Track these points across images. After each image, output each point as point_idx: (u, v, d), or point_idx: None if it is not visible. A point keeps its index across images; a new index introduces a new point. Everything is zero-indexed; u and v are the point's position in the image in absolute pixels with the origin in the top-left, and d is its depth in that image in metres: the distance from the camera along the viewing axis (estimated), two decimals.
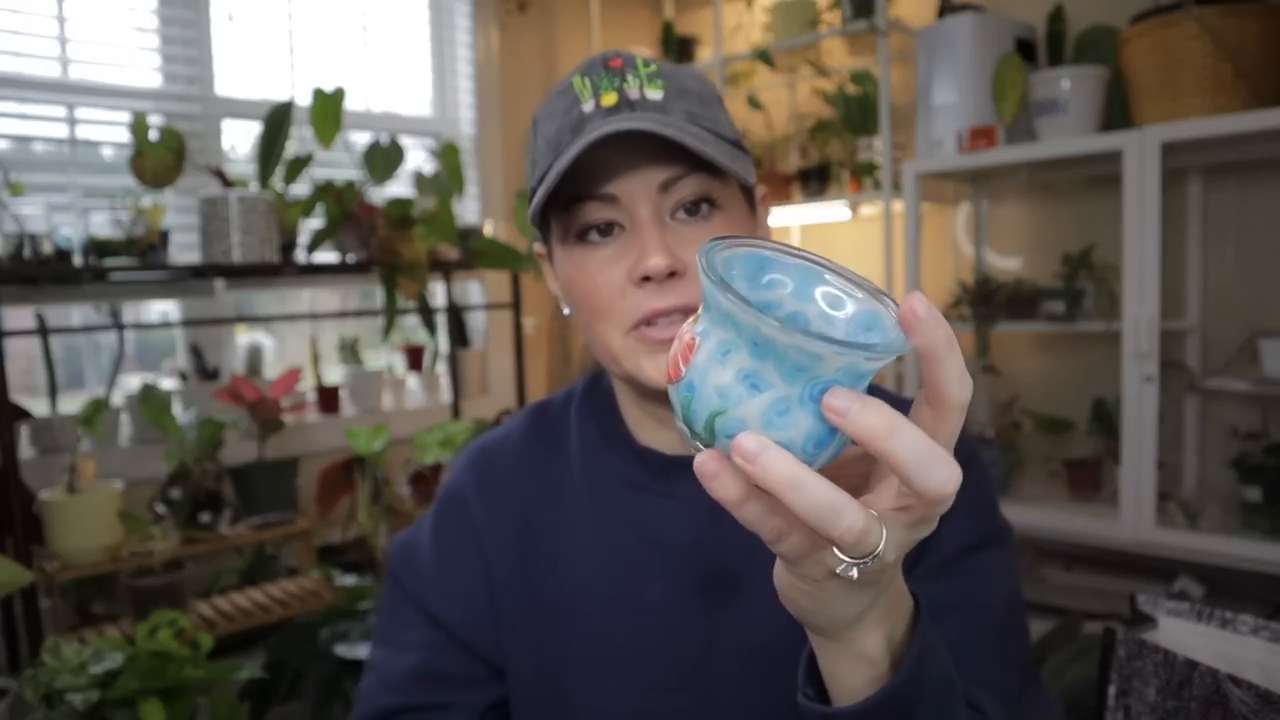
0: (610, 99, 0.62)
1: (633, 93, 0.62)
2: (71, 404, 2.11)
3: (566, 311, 0.69)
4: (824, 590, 0.39)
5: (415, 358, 2.80)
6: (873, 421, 0.32)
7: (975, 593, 0.64)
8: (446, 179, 2.25)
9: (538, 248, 0.72)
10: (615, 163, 0.61)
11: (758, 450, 0.33)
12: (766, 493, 0.34)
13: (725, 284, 0.33)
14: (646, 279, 0.61)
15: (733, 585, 0.66)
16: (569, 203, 0.64)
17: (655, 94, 0.62)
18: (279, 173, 2.03)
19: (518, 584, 0.71)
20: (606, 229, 0.63)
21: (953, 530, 0.64)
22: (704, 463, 0.35)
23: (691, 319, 0.38)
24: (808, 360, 0.33)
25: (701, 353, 0.35)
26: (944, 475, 0.33)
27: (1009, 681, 0.62)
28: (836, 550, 0.35)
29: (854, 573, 0.36)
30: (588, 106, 0.63)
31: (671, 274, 0.61)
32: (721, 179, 0.63)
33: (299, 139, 2.35)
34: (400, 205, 2.09)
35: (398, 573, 0.75)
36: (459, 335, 2.74)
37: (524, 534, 0.72)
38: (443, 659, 0.71)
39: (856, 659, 0.43)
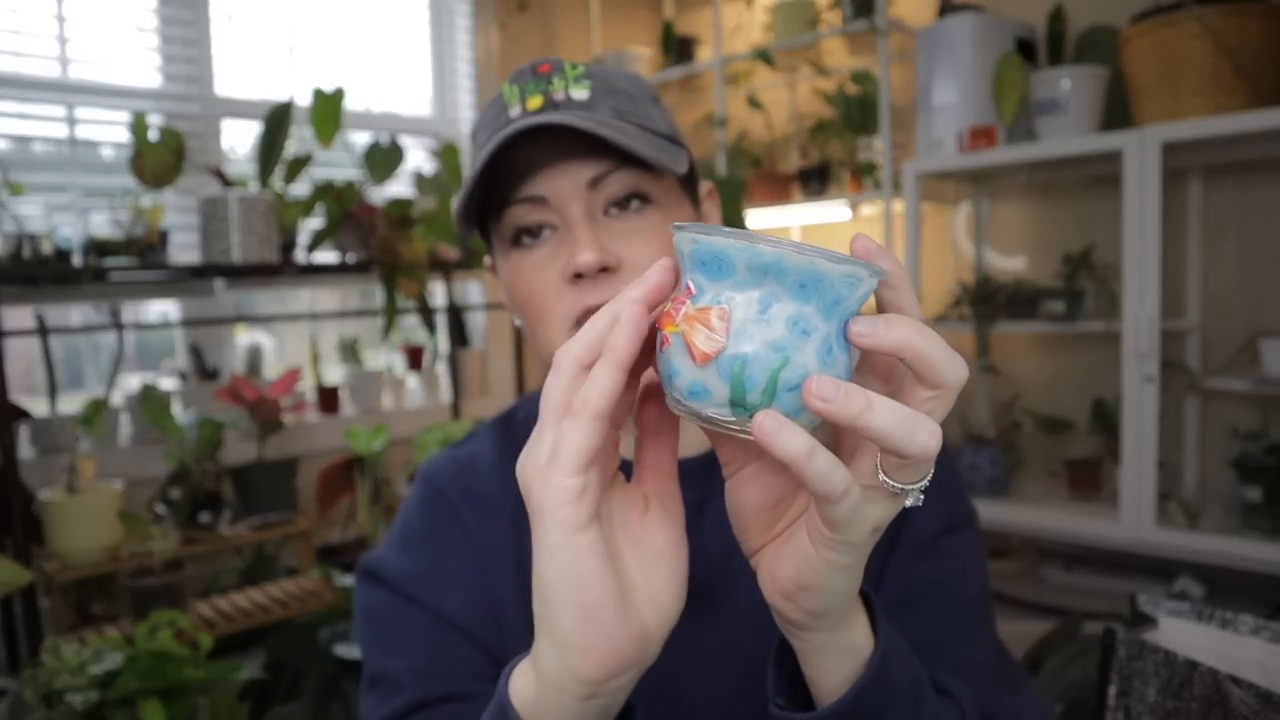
0: (535, 102, 0.62)
1: (558, 94, 0.62)
2: (71, 404, 2.11)
3: (517, 323, 0.68)
4: (859, 554, 0.39)
5: (415, 358, 2.80)
6: (904, 328, 0.34)
7: (952, 574, 0.65)
8: (446, 179, 2.26)
9: (487, 261, 0.72)
10: (541, 163, 0.61)
11: (835, 386, 0.33)
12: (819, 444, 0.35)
13: (755, 235, 0.34)
14: (579, 276, 0.61)
15: (711, 590, 0.66)
16: (500, 208, 0.64)
17: (581, 93, 0.63)
18: (279, 173, 2.03)
19: (516, 600, 0.68)
20: (539, 230, 0.63)
21: (926, 514, 0.66)
22: (763, 421, 0.34)
23: (684, 298, 0.36)
24: (846, 289, 0.34)
25: (737, 317, 0.35)
26: (960, 364, 0.36)
27: (989, 658, 0.64)
28: (891, 479, 0.36)
29: (922, 498, 0.37)
30: (514, 112, 0.63)
31: (604, 269, 0.61)
32: (655, 174, 0.63)
33: (299, 139, 2.35)
34: (400, 205, 2.09)
35: (389, 581, 0.70)
36: (459, 335, 2.74)
37: (518, 551, 0.70)
38: (458, 653, 0.66)
39: (845, 653, 0.44)
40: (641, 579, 0.42)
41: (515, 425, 0.77)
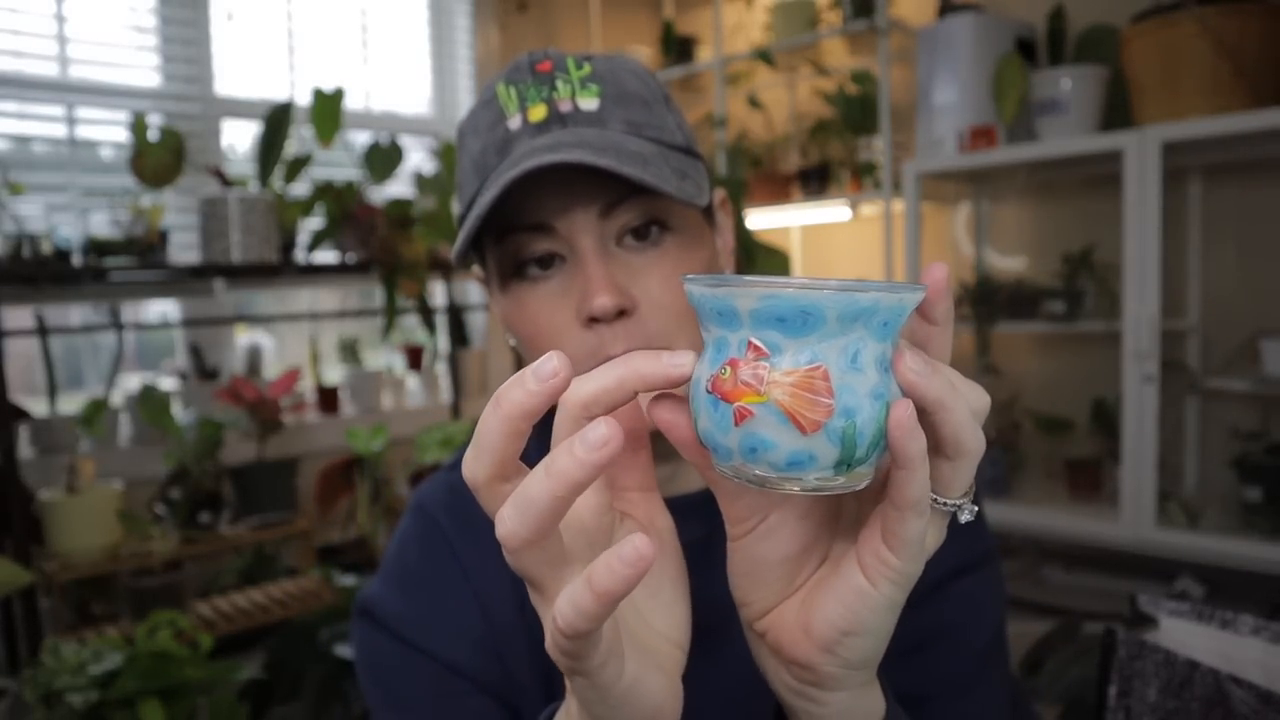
0: (538, 112, 0.56)
1: (563, 104, 0.56)
2: (71, 404, 2.10)
3: (512, 343, 0.63)
4: (910, 586, 0.38)
5: (415, 358, 2.80)
6: (943, 381, 0.33)
7: (961, 620, 0.60)
8: (446, 179, 2.25)
9: (476, 271, 0.65)
10: (549, 188, 0.54)
11: (925, 360, 0.33)
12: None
13: (849, 284, 0.31)
14: (594, 319, 0.55)
15: (717, 631, 0.61)
16: (501, 234, 0.57)
17: (589, 103, 0.56)
18: (279, 172, 2.03)
19: (523, 645, 0.64)
20: (546, 261, 0.57)
21: (935, 554, 0.60)
22: (902, 414, 0.32)
23: (752, 361, 0.33)
24: (897, 321, 0.33)
25: (835, 374, 0.32)
26: (979, 432, 0.35)
27: (999, 711, 0.60)
28: (941, 494, 0.36)
29: (976, 509, 0.37)
30: (513, 122, 0.56)
31: (621, 313, 0.55)
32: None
33: (299, 139, 2.35)
34: (400, 205, 2.09)
35: (388, 624, 0.65)
36: (459, 335, 2.74)
37: (518, 591, 0.65)
38: (469, 704, 0.62)
39: (863, 718, 0.42)
40: (657, 637, 0.41)
41: None
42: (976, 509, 0.36)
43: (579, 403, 0.35)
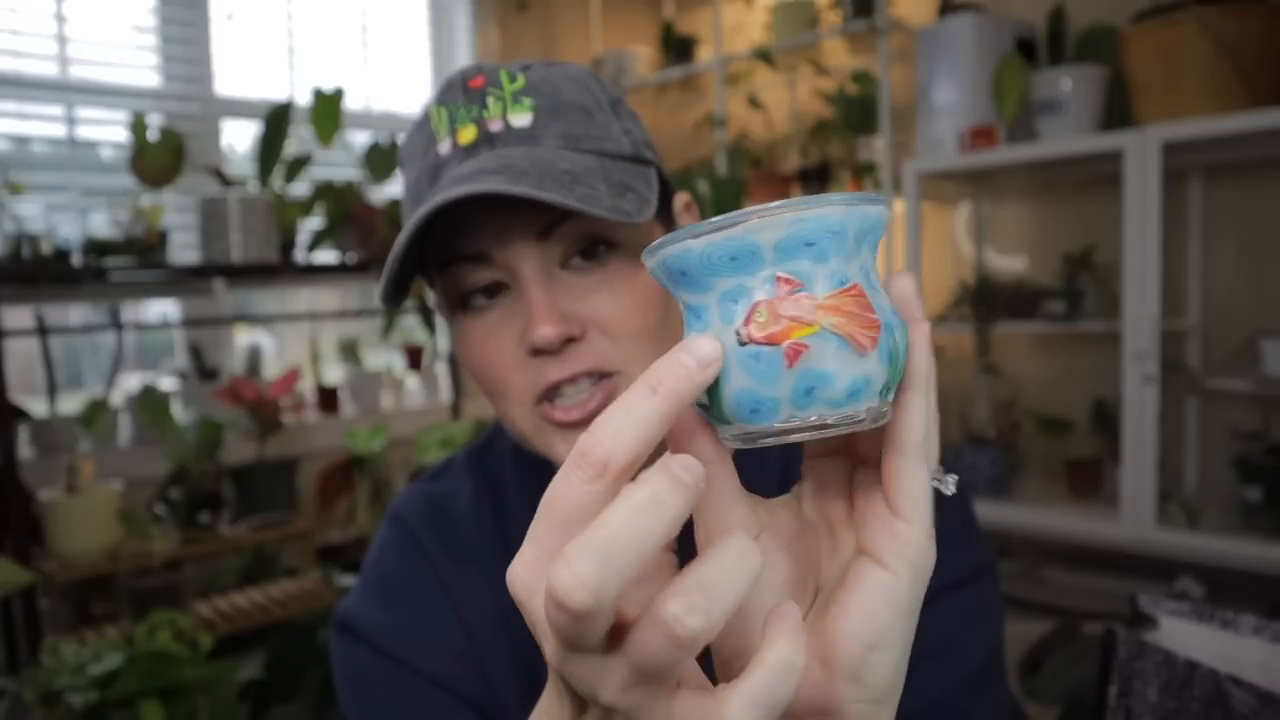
0: (467, 134, 0.53)
1: (493, 123, 0.53)
2: (71, 404, 2.10)
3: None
4: (922, 571, 0.34)
5: (415, 358, 2.80)
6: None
7: (951, 637, 0.56)
8: None
9: (432, 299, 0.64)
10: (484, 215, 0.52)
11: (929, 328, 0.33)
12: None
13: (850, 197, 0.30)
14: (539, 350, 0.53)
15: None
16: (442, 265, 0.55)
17: (521, 119, 0.53)
18: (279, 172, 2.03)
19: (508, 662, 0.62)
20: (490, 290, 0.55)
21: None
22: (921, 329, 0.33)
23: (786, 296, 0.32)
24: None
25: (865, 291, 0.31)
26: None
27: None
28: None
29: (951, 486, 0.34)
30: (443, 147, 0.54)
31: (569, 340, 0.52)
32: None
33: (299, 139, 2.35)
34: (400, 205, 2.09)
35: (368, 638, 0.63)
36: None
37: (501, 605, 0.63)
38: (453, 718, 0.61)
39: None
40: None
41: (490, 459, 0.70)
42: (955, 478, 0.34)
43: (622, 467, 0.28)
